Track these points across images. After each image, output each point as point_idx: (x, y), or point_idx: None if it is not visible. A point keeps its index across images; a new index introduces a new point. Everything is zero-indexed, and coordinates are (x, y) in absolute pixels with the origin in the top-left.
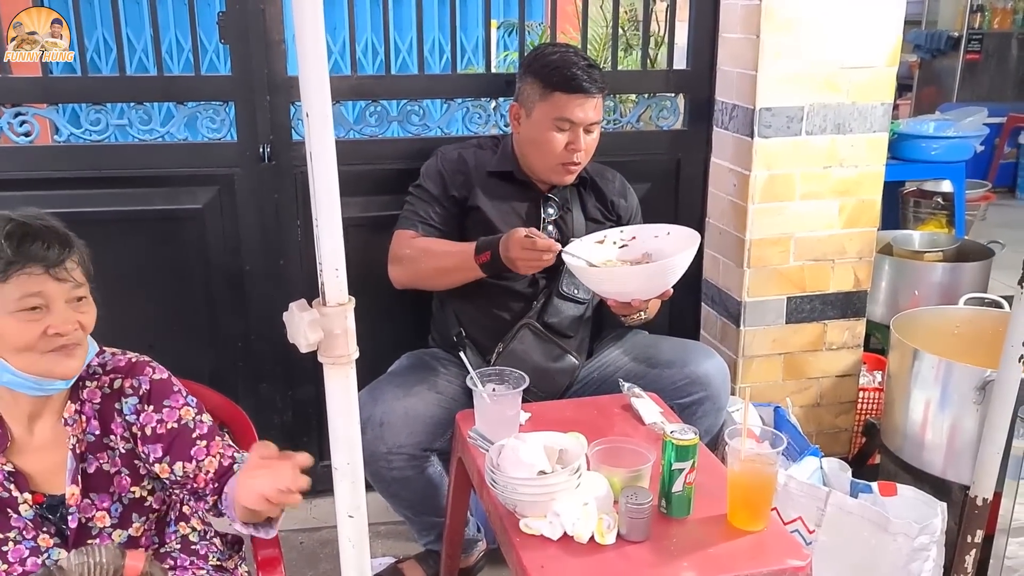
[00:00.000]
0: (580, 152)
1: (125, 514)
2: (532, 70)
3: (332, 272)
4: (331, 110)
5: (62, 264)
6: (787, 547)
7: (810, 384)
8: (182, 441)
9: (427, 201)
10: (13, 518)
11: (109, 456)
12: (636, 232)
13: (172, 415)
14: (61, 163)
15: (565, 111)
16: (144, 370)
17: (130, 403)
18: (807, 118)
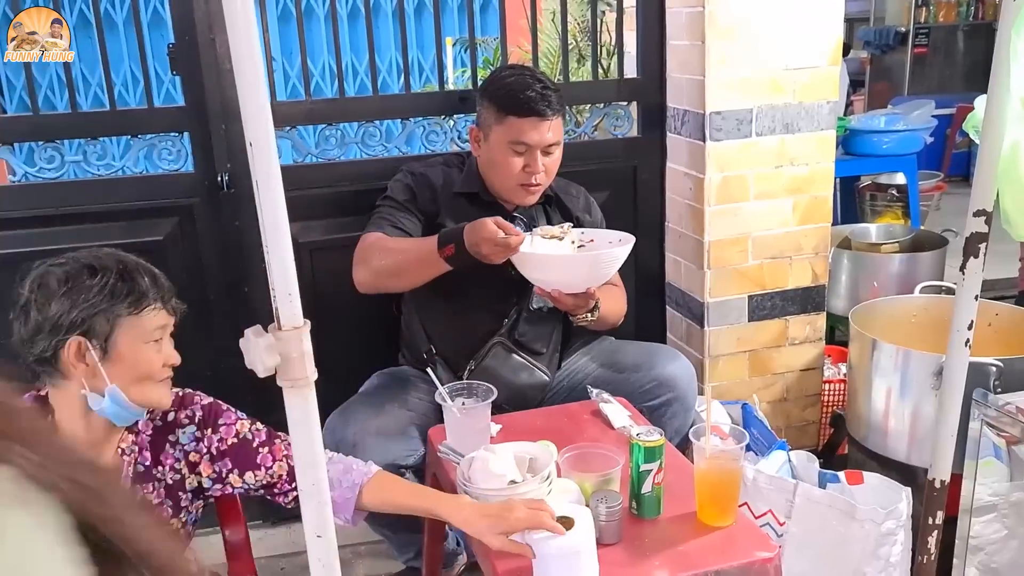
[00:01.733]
0: (538, 174)
1: None
2: (487, 94)
3: (285, 296)
4: (274, 137)
5: (174, 297)
6: (755, 540)
7: (776, 380)
8: (245, 452)
9: (393, 209)
10: None
11: (155, 487)
12: (595, 236)
13: (229, 431)
14: (18, 203)
15: (520, 135)
16: (193, 399)
17: (188, 432)
18: (756, 120)
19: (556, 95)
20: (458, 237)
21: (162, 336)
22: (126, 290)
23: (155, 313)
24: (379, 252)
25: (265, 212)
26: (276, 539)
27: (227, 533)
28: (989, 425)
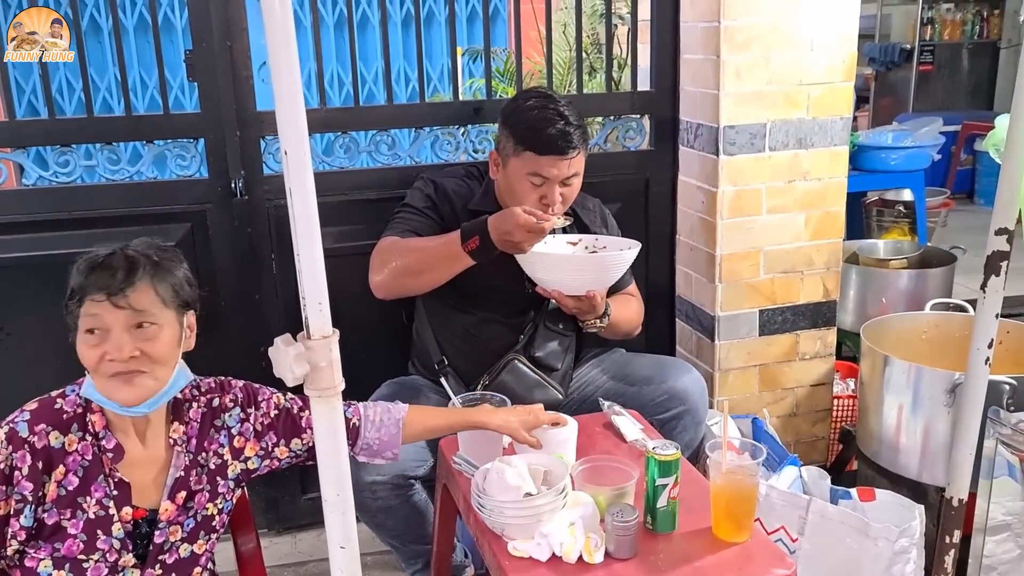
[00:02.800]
0: (555, 205)
1: (195, 530)
2: (509, 122)
3: (315, 306)
4: (308, 145)
5: (122, 292)
6: (772, 556)
7: (786, 394)
8: (290, 421)
9: (414, 214)
10: (100, 539)
11: (197, 474)
12: (607, 242)
13: (270, 405)
14: (31, 206)
15: (538, 169)
16: (231, 384)
17: (234, 415)
18: (769, 134)
19: (579, 132)
20: (482, 229)
21: (98, 328)
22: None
23: (88, 304)
24: (397, 252)
25: (298, 220)
26: (281, 548)
27: (238, 541)
28: (1003, 443)
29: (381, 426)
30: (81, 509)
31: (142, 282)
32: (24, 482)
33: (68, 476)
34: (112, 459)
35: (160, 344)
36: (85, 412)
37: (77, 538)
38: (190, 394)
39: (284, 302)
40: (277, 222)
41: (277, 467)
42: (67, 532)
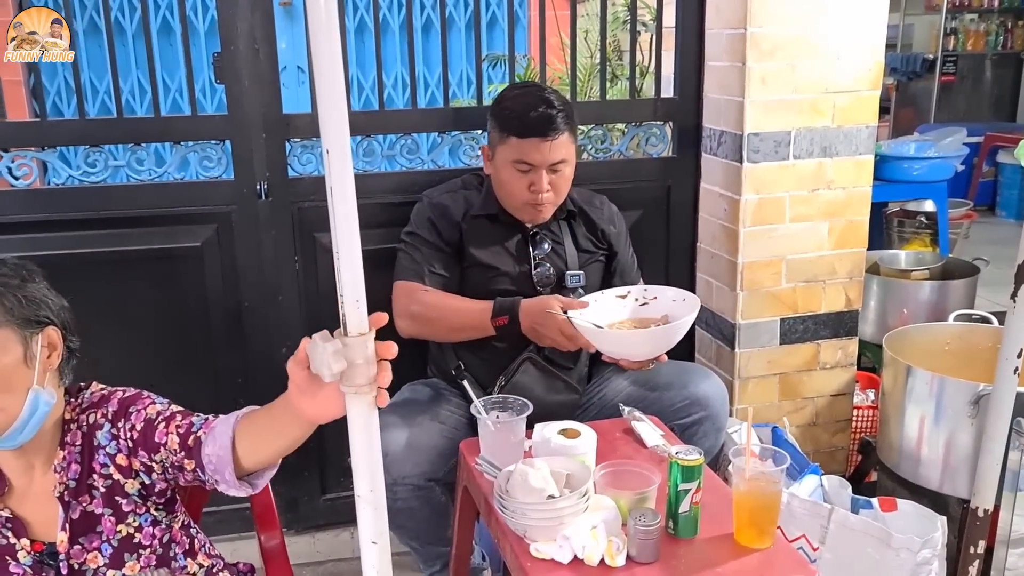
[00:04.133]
0: (543, 193)
1: (116, 554)
2: (493, 113)
3: (353, 303)
4: (349, 145)
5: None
6: (794, 563)
7: (806, 404)
8: (150, 433)
9: (424, 249)
10: (11, 565)
11: (91, 497)
12: (658, 293)
13: (140, 416)
14: (59, 205)
15: (522, 154)
16: (112, 396)
17: (105, 432)
18: (794, 142)
19: (562, 114)
20: (513, 312)
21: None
22: None
23: None
24: (426, 307)
25: (338, 219)
26: (300, 548)
27: (263, 538)
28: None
29: (216, 437)
30: None
31: None
32: None
33: None
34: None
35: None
36: None
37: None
38: (74, 414)
39: (306, 303)
40: (301, 224)
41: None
42: None
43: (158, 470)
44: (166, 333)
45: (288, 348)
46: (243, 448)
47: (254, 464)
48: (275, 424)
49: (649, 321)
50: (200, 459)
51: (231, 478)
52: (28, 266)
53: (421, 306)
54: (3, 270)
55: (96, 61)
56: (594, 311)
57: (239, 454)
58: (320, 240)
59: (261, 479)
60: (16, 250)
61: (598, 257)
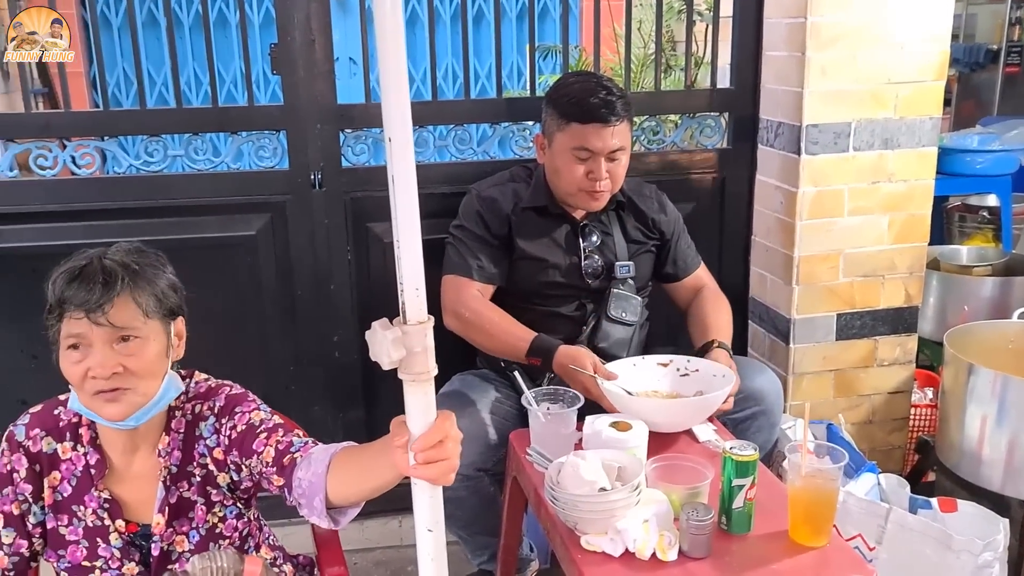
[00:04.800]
0: (602, 180)
1: (201, 542)
2: (551, 100)
3: (413, 291)
4: (412, 134)
5: (101, 308)
6: (851, 562)
7: (862, 401)
8: (249, 439)
9: (473, 243)
10: (101, 547)
11: (189, 484)
12: (701, 366)
13: (243, 419)
14: (119, 194)
15: (582, 141)
16: (220, 390)
17: (208, 424)
18: (854, 134)
19: (621, 101)
20: (548, 355)
21: (81, 344)
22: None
23: (68, 321)
24: (475, 316)
25: (399, 208)
26: (348, 535)
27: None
28: None
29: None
30: (77, 517)
31: (121, 296)
32: (23, 484)
33: (63, 483)
34: (95, 475)
35: (143, 358)
36: (79, 423)
37: (80, 544)
38: (180, 402)
39: (358, 293)
40: (354, 214)
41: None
42: (67, 539)
43: (245, 473)
44: (220, 320)
45: (340, 336)
46: (333, 480)
47: (340, 499)
48: (369, 465)
49: (682, 395)
50: (291, 480)
51: (320, 506)
52: (160, 253)
53: (471, 313)
54: (150, 259)
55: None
56: (631, 375)
57: (328, 483)
58: (372, 230)
59: (344, 516)
60: (77, 237)
61: (648, 248)
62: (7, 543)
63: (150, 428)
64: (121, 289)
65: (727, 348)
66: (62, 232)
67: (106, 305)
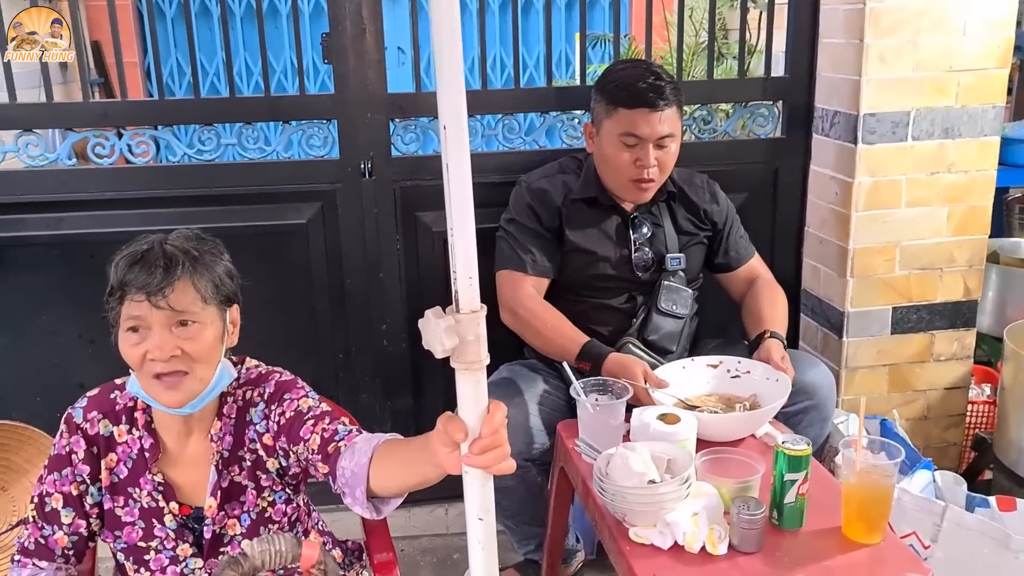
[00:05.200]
0: (650, 168)
1: (252, 526)
2: (600, 87)
3: (466, 280)
4: (466, 122)
5: (161, 291)
6: (906, 560)
7: (917, 396)
8: (297, 426)
9: (525, 237)
10: (157, 528)
11: (240, 469)
12: (752, 368)
13: (292, 406)
14: (173, 182)
15: (630, 126)
16: (270, 376)
17: (258, 410)
18: (913, 123)
19: (670, 86)
20: (597, 361)
21: (141, 326)
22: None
23: (129, 304)
24: (530, 315)
25: (454, 196)
26: (395, 521)
27: None
28: None
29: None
30: (133, 498)
31: (181, 280)
32: (81, 465)
33: (119, 465)
34: (150, 458)
35: (201, 343)
36: (135, 407)
37: (135, 525)
38: (232, 388)
39: (406, 282)
40: (403, 203)
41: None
42: (123, 520)
43: (293, 459)
44: (271, 308)
45: (388, 325)
46: (376, 471)
47: (382, 490)
48: (412, 459)
49: (735, 400)
50: (335, 468)
51: (361, 496)
52: (218, 240)
53: (526, 312)
54: (209, 246)
55: (204, 42)
56: (681, 379)
57: (371, 474)
58: (421, 219)
59: (387, 506)
60: (132, 225)
61: (700, 239)
62: (66, 522)
63: (203, 413)
64: (181, 274)
65: (781, 339)
66: (118, 220)
67: (166, 289)
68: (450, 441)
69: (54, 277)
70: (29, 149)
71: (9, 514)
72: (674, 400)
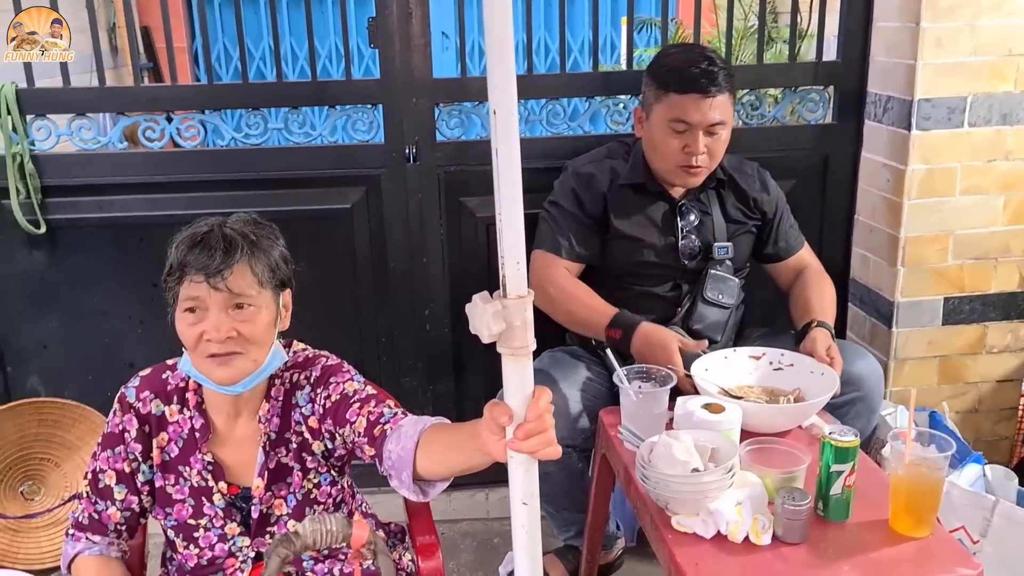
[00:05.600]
0: (699, 155)
1: (299, 507)
2: (651, 71)
3: (514, 265)
4: (516, 107)
5: (220, 273)
6: (955, 555)
7: (968, 389)
8: (343, 409)
9: (565, 221)
10: (206, 506)
11: (287, 450)
12: (795, 360)
13: (337, 389)
14: (220, 166)
15: (680, 112)
16: (317, 360)
17: (304, 393)
18: (970, 109)
19: (723, 73)
20: (629, 328)
21: (198, 307)
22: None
23: (188, 284)
24: (559, 293)
25: (502, 181)
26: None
27: None
28: None
29: (401, 438)
30: (183, 477)
31: (240, 263)
32: (133, 443)
33: (170, 444)
34: (200, 438)
35: (256, 325)
36: (186, 387)
37: (186, 503)
38: (280, 370)
39: (450, 267)
40: (447, 188)
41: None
42: (174, 497)
43: (339, 441)
44: (315, 291)
45: (431, 310)
46: (422, 456)
47: (429, 474)
48: (459, 445)
49: (779, 393)
50: (381, 451)
51: (408, 479)
52: (273, 225)
53: (556, 290)
54: (266, 231)
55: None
56: (723, 369)
57: (417, 458)
58: (465, 204)
59: (433, 489)
60: (181, 208)
61: (748, 228)
62: (119, 499)
63: (252, 395)
64: (240, 257)
65: (829, 328)
66: (167, 203)
67: (225, 271)
68: (497, 428)
69: (105, 259)
70: (82, 133)
71: (62, 489)
72: (716, 388)
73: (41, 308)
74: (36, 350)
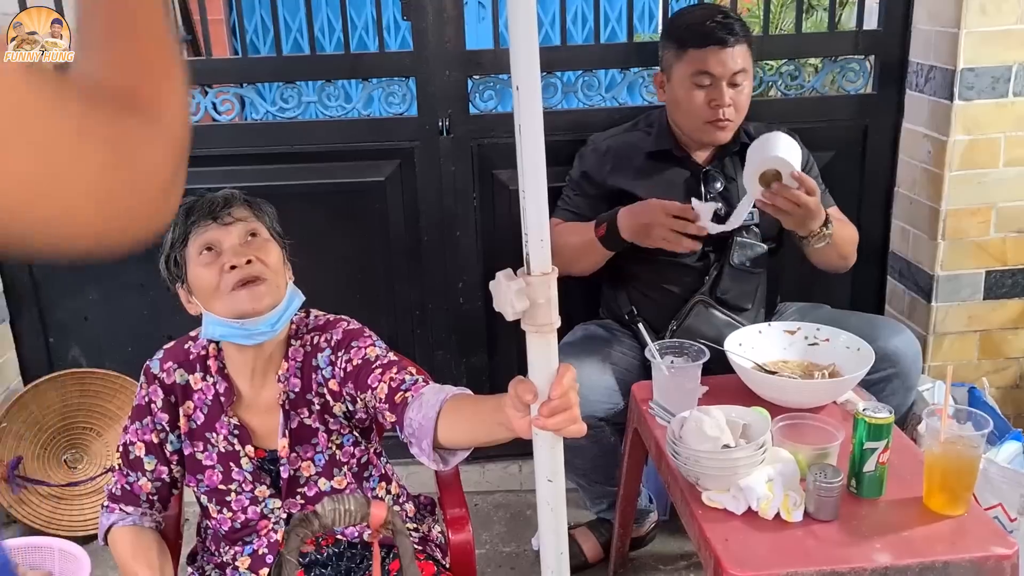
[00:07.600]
0: (726, 107)
1: (327, 466)
2: (667, 34)
3: (537, 242)
4: (539, 82)
5: (226, 211)
6: (990, 534)
7: (1009, 364)
8: (364, 374)
9: (572, 191)
10: (235, 471)
11: (308, 412)
12: (831, 336)
13: (359, 353)
14: (256, 140)
15: (702, 65)
16: (337, 324)
17: (324, 356)
18: (1015, 78)
19: (738, 23)
20: (611, 218)
21: (213, 246)
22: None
23: (195, 234)
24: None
25: (526, 156)
26: (471, 476)
27: None
28: None
29: (423, 406)
30: (211, 443)
31: (239, 207)
32: (160, 413)
33: (196, 412)
34: (224, 403)
35: (272, 254)
36: (207, 355)
37: (215, 469)
38: (299, 331)
39: (483, 240)
40: (480, 161)
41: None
42: (203, 464)
43: (360, 405)
44: (349, 264)
45: (464, 283)
46: (444, 426)
47: (449, 442)
48: (481, 419)
49: (813, 367)
50: (402, 419)
51: (427, 448)
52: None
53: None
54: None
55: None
56: (756, 343)
57: (438, 427)
58: (498, 177)
59: (454, 457)
60: (216, 181)
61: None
62: (149, 469)
63: (273, 354)
64: (238, 201)
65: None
66: (202, 176)
67: (231, 210)
68: (521, 404)
69: None
70: None
71: (104, 458)
72: (751, 364)
73: (82, 280)
74: (78, 321)
